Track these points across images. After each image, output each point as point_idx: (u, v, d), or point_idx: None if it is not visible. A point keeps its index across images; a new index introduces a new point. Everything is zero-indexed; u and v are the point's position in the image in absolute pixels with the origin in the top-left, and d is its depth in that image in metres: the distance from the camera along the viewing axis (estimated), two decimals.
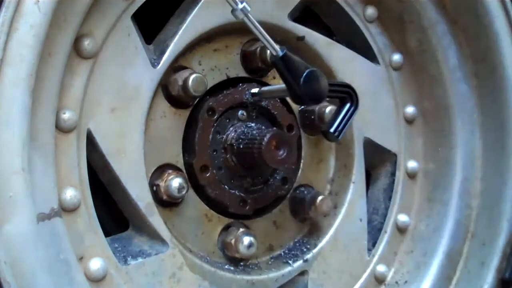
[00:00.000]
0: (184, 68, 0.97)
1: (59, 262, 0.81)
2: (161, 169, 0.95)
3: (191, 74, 0.93)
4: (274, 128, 1.01)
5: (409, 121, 1.18)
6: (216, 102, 0.99)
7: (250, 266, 1.03)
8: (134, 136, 0.90)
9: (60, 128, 0.84)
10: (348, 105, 1.02)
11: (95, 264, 0.86)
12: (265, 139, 0.94)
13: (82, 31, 0.85)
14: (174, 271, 0.95)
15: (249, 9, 0.88)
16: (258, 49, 1.01)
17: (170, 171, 0.95)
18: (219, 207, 1.00)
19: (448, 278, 1.17)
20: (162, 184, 0.93)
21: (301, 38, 1.04)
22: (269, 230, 1.06)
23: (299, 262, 1.06)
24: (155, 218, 0.93)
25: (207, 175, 0.98)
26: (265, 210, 1.05)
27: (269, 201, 1.04)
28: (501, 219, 1.16)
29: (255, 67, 1.02)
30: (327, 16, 1.13)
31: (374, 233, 1.16)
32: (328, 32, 1.13)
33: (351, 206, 1.11)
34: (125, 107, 0.90)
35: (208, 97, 0.99)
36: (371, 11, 1.11)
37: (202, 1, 0.95)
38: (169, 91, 0.95)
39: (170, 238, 0.94)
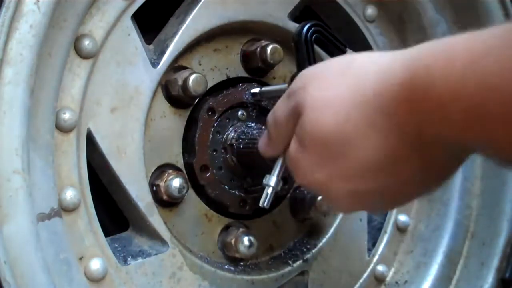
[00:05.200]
0: (184, 68, 0.97)
1: (59, 262, 0.81)
2: (161, 169, 0.95)
3: (191, 74, 0.93)
4: None
5: None
6: (216, 102, 0.99)
7: (250, 266, 1.03)
8: (134, 136, 0.90)
9: (60, 128, 0.84)
10: None
11: (95, 264, 0.86)
12: None
13: (82, 31, 0.85)
14: (174, 271, 0.95)
15: None
16: (258, 49, 1.01)
17: (170, 171, 0.95)
18: (219, 207, 1.00)
19: (448, 278, 1.17)
20: (162, 184, 0.93)
21: None
22: (269, 230, 1.06)
23: (299, 262, 1.06)
24: (155, 218, 0.93)
25: (207, 175, 0.98)
26: (265, 210, 1.05)
27: None
28: (501, 219, 1.16)
29: (255, 67, 1.02)
30: (327, 16, 1.13)
31: (374, 233, 1.16)
32: None
33: None
34: (125, 107, 0.90)
35: (208, 97, 0.99)
36: (371, 11, 1.11)
37: (202, 1, 0.95)
38: (169, 91, 0.95)
39: (170, 238, 0.94)
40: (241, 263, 1.02)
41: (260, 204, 0.87)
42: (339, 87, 0.68)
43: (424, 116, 0.59)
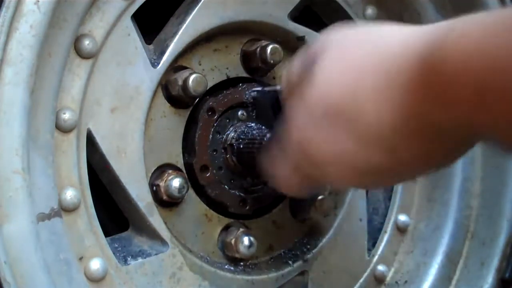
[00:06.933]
0: (184, 68, 0.97)
1: (59, 262, 0.82)
2: (161, 169, 0.95)
3: (191, 74, 0.93)
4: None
5: None
6: (216, 102, 0.99)
7: (250, 266, 1.03)
8: (134, 136, 0.91)
9: (60, 128, 0.84)
10: None
11: (95, 264, 0.86)
12: (265, 139, 0.94)
13: (82, 31, 0.85)
14: (174, 271, 0.95)
15: None
16: (258, 49, 1.01)
17: (170, 171, 0.95)
18: (219, 207, 1.00)
19: (448, 278, 1.17)
20: (162, 184, 0.93)
21: (301, 38, 1.04)
22: (269, 230, 1.06)
23: (299, 262, 1.06)
24: (155, 218, 0.93)
25: (207, 175, 0.98)
26: (265, 210, 1.05)
27: (269, 201, 1.04)
28: (501, 219, 1.16)
29: (255, 67, 1.02)
30: (327, 16, 1.13)
31: (374, 233, 1.16)
32: None
33: (351, 206, 1.11)
34: (125, 107, 0.90)
35: (208, 97, 0.99)
36: (371, 11, 1.11)
37: (202, 1, 0.95)
38: (169, 91, 0.95)
39: (170, 238, 0.94)
40: (241, 263, 1.02)
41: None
42: (359, 54, 0.67)
43: (436, 94, 0.58)
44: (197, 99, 0.97)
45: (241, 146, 0.97)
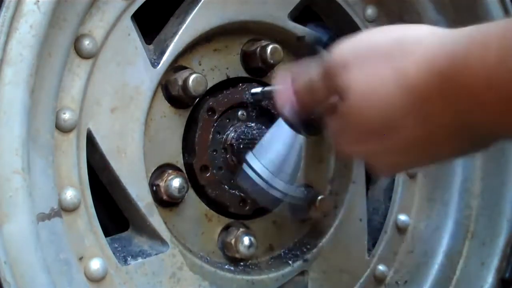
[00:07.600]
0: (184, 68, 0.97)
1: (59, 262, 0.82)
2: (161, 169, 0.95)
3: (191, 74, 0.93)
4: None
5: None
6: (216, 102, 0.99)
7: (250, 266, 1.03)
8: (134, 136, 0.90)
9: (60, 128, 0.84)
10: None
11: (95, 264, 0.86)
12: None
13: (82, 31, 0.85)
14: (174, 271, 0.95)
15: None
16: (258, 49, 1.01)
17: (170, 171, 0.95)
18: (219, 207, 1.00)
19: (448, 278, 1.17)
20: (162, 184, 0.93)
21: (301, 38, 1.04)
22: (269, 230, 1.06)
23: (299, 262, 1.06)
24: (155, 218, 0.93)
25: (207, 175, 0.98)
26: (265, 210, 1.05)
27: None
28: (501, 219, 1.16)
29: (255, 67, 1.02)
30: (327, 16, 1.13)
31: (374, 233, 1.16)
32: None
33: (351, 206, 1.11)
34: (125, 107, 0.90)
35: (208, 97, 0.99)
36: (371, 11, 1.11)
37: (202, 1, 0.95)
38: (169, 91, 0.95)
39: (170, 238, 0.94)
40: (241, 263, 1.02)
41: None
42: (384, 71, 0.68)
43: (461, 105, 0.62)
44: (197, 99, 0.97)
45: (241, 146, 0.97)
